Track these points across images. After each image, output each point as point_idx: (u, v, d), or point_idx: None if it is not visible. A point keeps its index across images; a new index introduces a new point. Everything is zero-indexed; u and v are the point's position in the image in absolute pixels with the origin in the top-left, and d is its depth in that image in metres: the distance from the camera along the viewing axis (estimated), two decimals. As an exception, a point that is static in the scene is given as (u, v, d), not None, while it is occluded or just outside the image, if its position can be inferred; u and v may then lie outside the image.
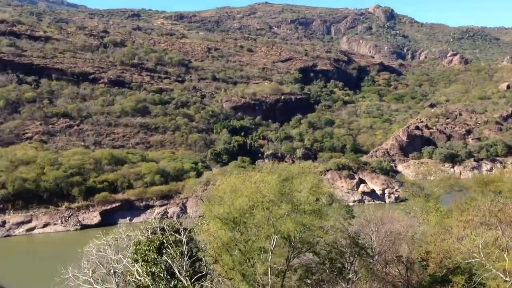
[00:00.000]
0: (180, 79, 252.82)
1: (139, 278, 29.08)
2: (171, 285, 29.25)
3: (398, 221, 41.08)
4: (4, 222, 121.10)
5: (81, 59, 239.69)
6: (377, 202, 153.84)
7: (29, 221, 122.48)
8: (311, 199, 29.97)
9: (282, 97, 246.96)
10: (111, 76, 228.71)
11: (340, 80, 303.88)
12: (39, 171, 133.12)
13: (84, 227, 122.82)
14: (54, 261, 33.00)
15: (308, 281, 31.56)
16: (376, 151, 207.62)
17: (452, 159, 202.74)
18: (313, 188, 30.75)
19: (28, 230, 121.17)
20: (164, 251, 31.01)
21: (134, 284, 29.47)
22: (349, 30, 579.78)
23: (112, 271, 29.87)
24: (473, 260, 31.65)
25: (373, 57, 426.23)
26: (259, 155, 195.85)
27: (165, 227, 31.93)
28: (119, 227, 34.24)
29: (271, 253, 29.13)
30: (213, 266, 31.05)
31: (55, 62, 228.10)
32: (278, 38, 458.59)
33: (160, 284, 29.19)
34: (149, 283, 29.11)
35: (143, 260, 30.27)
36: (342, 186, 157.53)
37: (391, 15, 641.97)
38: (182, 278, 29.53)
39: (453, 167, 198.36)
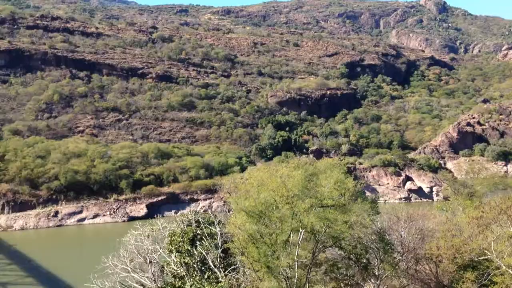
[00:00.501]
0: (226, 74, 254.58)
1: (175, 268, 29.88)
2: (205, 276, 29.88)
3: (430, 218, 39.90)
4: (57, 213, 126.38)
5: (131, 54, 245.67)
6: (424, 200, 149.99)
7: (80, 212, 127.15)
8: (334, 194, 30.21)
9: (328, 92, 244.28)
10: (159, 71, 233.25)
11: (388, 75, 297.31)
12: (90, 163, 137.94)
13: (131, 218, 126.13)
14: (98, 250, 34.42)
15: (333, 275, 31.67)
16: (425, 147, 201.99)
17: (506, 157, 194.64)
18: (337, 183, 30.88)
19: (79, 220, 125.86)
20: (198, 243, 31.71)
21: (170, 274, 30.30)
22: (399, 24, 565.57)
23: (148, 261, 30.73)
24: (483, 258, 31.23)
25: (423, 51, 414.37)
26: (304, 150, 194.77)
27: (200, 219, 32.79)
28: (157, 219, 35.16)
29: (298, 246, 29.61)
30: (239, 258, 31.66)
31: (106, 58, 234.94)
32: (324, 33, 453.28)
33: (194, 275, 29.86)
34: (184, 273, 29.76)
35: (177, 251, 31.28)
36: (388, 183, 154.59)
37: (443, 8, 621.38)
38: (216, 270, 30.15)
39: (506, 165, 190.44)
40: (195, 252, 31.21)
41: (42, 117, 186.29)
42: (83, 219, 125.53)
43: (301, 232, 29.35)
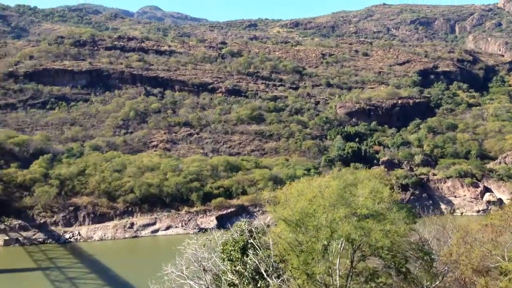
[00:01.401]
0: (294, 86, 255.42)
1: (231, 276, 30.86)
2: (259, 285, 30.55)
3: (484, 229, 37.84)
4: (132, 224, 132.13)
5: (201, 70, 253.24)
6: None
7: (154, 224, 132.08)
8: (369, 204, 30.45)
9: (399, 101, 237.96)
10: (228, 86, 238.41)
11: (464, 82, 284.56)
12: (162, 177, 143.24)
13: (202, 230, 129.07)
14: (168, 259, 36.40)
15: (373, 284, 31.54)
16: (505, 157, 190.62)
17: None
18: (373, 192, 31.17)
19: (153, 231, 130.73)
20: (250, 252, 32.57)
21: (225, 282, 31.27)
22: (475, 28, 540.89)
23: (202, 268, 32.18)
24: (496, 265, 30.53)
25: (503, 56, 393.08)
26: (374, 161, 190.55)
27: (252, 229, 33.65)
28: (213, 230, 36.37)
29: (338, 255, 30.13)
30: (278, 265, 32.39)
31: (178, 74, 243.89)
32: (396, 40, 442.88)
33: (246, 283, 30.65)
34: (237, 281, 30.66)
35: (228, 259, 32.42)
36: (464, 195, 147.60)
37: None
38: (268, 279, 30.91)
39: None
40: (247, 261, 31.93)
41: (119, 133, 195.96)
42: (156, 231, 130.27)
43: (341, 241, 29.65)
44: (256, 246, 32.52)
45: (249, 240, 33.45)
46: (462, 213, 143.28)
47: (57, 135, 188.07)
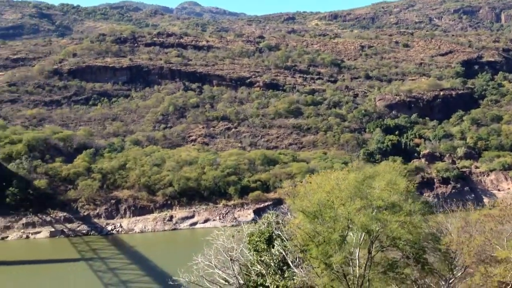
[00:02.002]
0: (332, 79, 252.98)
1: (259, 267, 31.57)
2: (285, 275, 31.09)
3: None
4: (171, 217, 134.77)
5: (239, 64, 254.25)
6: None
7: (192, 217, 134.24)
8: (385, 195, 30.85)
9: (441, 93, 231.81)
10: (266, 80, 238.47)
11: (510, 72, 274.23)
12: (200, 170, 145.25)
13: (239, 223, 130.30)
14: (200, 250, 37.50)
15: (391, 274, 31.90)
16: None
17: None
18: (389, 184, 31.50)
19: (191, 224, 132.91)
20: (276, 242, 33.26)
21: (254, 272, 31.92)
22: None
23: (229, 259, 33.17)
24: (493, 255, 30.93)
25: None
26: (415, 154, 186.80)
27: (279, 220, 34.31)
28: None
29: (356, 245, 30.99)
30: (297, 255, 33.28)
31: (216, 69, 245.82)
32: (438, 31, 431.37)
33: (272, 273, 31.33)
34: (264, 271, 31.56)
35: (254, 250, 33.22)
36: (508, 188, 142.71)
37: None
38: (294, 269, 31.73)
39: None
40: (275, 251, 32.51)
41: (159, 127, 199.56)
42: (195, 223, 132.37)
43: (361, 233, 30.18)
44: (283, 237, 33.12)
45: (274, 231, 34.07)
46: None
47: (99, 130, 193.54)
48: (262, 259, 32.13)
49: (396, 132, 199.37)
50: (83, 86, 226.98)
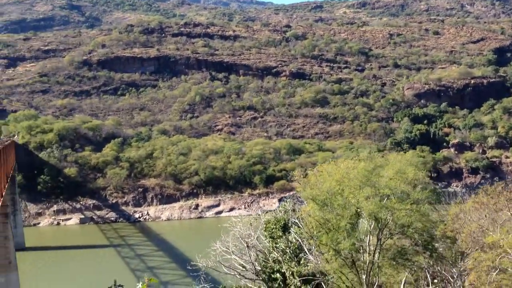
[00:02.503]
0: (359, 68, 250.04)
1: (276, 253, 32.60)
2: (301, 262, 32.19)
3: None
4: (197, 205, 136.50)
5: (265, 54, 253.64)
6: None
7: (218, 205, 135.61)
8: (392, 184, 31.36)
9: (472, 81, 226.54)
10: (292, 69, 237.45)
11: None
12: (226, 160, 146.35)
13: (265, 212, 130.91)
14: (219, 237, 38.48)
15: (400, 260, 32.44)
16: None
17: None
18: (398, 173, 32.10)
19: (217, 213, 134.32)
20: (292, 229, 33.94)
21: (270, 259, 33.10)
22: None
23: (246, 245, 33.92)
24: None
25: None
26: (444, 144, 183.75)
27: (296, 208, 34.93)
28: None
29: (366, 232, 31.80)
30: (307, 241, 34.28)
31: (242, 59, 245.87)
32: (470, 18, 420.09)
33: (288, 259, 32.32)
34: (280, 258, 32.25)
35: (270, 237, 33.76)
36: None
37: None
38: (310, 256, 32.51)
39: None
40: (290, 238, 33.50)
41: (186, 117, 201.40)
42: (220, 212, 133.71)
43: (371, 221, 30.78)
44: (299, 225, 33.71)
45: (291, 219, 34.64)
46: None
47: (127, 120, 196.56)
48: (278, 245, 32.66)
49: (425, 122, 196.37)
50: (111, 76, 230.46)
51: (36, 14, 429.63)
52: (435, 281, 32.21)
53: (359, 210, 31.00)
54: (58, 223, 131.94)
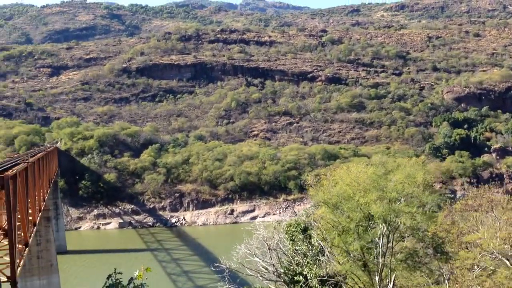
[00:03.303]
0: (397, 72, 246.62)
1: (297, 257, 34.06)
2: (322, 265, 33.43)
3: None
4: (232, 211, 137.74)
5: (301, 59, 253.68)
6: None
7: (253, 211, 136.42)
8: (399, 187, 32.42)
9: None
10: (328, 74, 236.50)
11: None
12: (261, 165, 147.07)
13: (291, 216, 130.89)
14: (255, 242, 39.96)
15: (410, 262, 33.29)
16: None
17: None
18: (408, 177, 33.12)
19: (251, 218, 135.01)
20: (312, 232, 35.38)
21: (294, 261, 34.45)
22: None
23: (268, 248, 34.98)
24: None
25: None
26: (485, 149, 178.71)
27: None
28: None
29: (377, 235, 32.75)
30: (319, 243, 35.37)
31: (278, 64, 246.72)
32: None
33: (309, 262, 33.74)
34: (301, 261, 33.71)
35: (290, 239, 35.32)
36: None
37: None
38: (332, 259, 33.48)
39: None
40: (312, 242, 34.80)
41: (222, 123, 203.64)
42: (255, 217, 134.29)
43: (383, 226, 31.84)
44: (318, 227, 34.86)
45: (312, 222, 35.68)
46: None
47: (165, 126, 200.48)
48: (298, 248, 34.09)
49: (465, 126, 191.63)
50: (150, 83, 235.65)
51: (78, 24, 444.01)
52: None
53: (370, 213, 32.18)
54: (98, 227, 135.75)
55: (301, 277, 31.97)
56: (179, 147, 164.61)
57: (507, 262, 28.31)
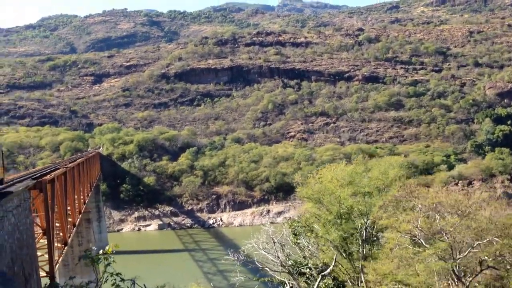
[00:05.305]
0: (437, 68, 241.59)
1: (303, 252, 37.32)
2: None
3: None
4: (268, 211, 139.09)
5: (337, 59, 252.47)
6: None
7: (288, 211, 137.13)
8: (370, 183, 35.84)
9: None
10: (365, 73, 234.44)
11: None
12: (296, 166, 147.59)
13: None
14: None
15: (386, 250, 35.05)
16: None
17: None
18: (381, 174, 36.61)
19: (287, 218, 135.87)
20: (315, 225, 38.52)
21: (301, 254, 38.37)
22: None
23: (273, 242, 39.10)
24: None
25: None
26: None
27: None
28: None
29: (365, 229, 35.68)
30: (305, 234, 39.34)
31: (314, 65, 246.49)
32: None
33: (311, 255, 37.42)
34: (306, 254, 37.66)
35: (293, 234, 39.05)
36: None
37: None
38: (336, 251, 36.36)
39: None
40: (310, 235, 36.76)
41: (259, 125, 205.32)
42: (290, 218, 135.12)
43: (366, 222, 34.77)
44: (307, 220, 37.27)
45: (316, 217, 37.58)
46: None
47: (203, 129, 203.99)
48: (299, 242, 35.84)
49: (509, 122, 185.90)
50: (188, 88, 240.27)
51: (119, 32, 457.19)
52: None
53: (351, 206, 35.42)
54: (139, 229, 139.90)
55: (307, 270, 33.89)
56: (215, 150, 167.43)
57: (420, 242, 31.40)
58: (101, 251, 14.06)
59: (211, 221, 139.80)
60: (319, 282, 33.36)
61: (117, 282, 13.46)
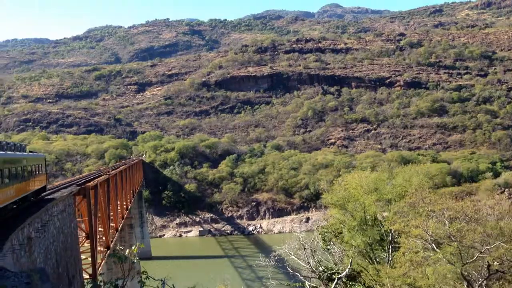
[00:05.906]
0: (482, 73, 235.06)
1: (332, 257, 35.96)
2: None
3: None
4: (308, 219, 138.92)
5: (378, 65, 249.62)
6: None
7: (327, 219, 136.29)
8: (393, 190, 36.35)
9: None
10: (407, 78, 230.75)
11: None
12: (336, 173, 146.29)
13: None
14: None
15: (410, 255, 34.82)
16: None
17: None
18: (405, 181, 36.96)
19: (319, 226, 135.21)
20: (345, 231, 39.06)
21: (332, 261, 39.66)
22: None
23: (303, 247, 40.55)
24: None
25: None
26: None
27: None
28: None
29: (390, 234, 36.20)
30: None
31: (354, 71, 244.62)
32: None
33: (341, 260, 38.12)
34: (330, 257, 39.36)
35: (322, 239, 40.82)
36: None
37: None
38: (361, 257, 37.53)
39: None
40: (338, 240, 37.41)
41: (299, 132, 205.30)
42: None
43: (391, 230, 34.31)
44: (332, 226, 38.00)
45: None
46: None
47: (243, 136, 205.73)
48: (329, 247, 36.81)
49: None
50: (228, 95, 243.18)
51: (162, 42, 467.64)
52: None
53: (367, 212, 36.20)
54: (180, 235, 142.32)
55: (337, 275, 34.66)
56: (255, 157, 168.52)
57: (431, 246, 31.93)
58: (127, 251, 14.99)
59: (250, 228, 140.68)
60: None
61: (144, 280, 14.46)
